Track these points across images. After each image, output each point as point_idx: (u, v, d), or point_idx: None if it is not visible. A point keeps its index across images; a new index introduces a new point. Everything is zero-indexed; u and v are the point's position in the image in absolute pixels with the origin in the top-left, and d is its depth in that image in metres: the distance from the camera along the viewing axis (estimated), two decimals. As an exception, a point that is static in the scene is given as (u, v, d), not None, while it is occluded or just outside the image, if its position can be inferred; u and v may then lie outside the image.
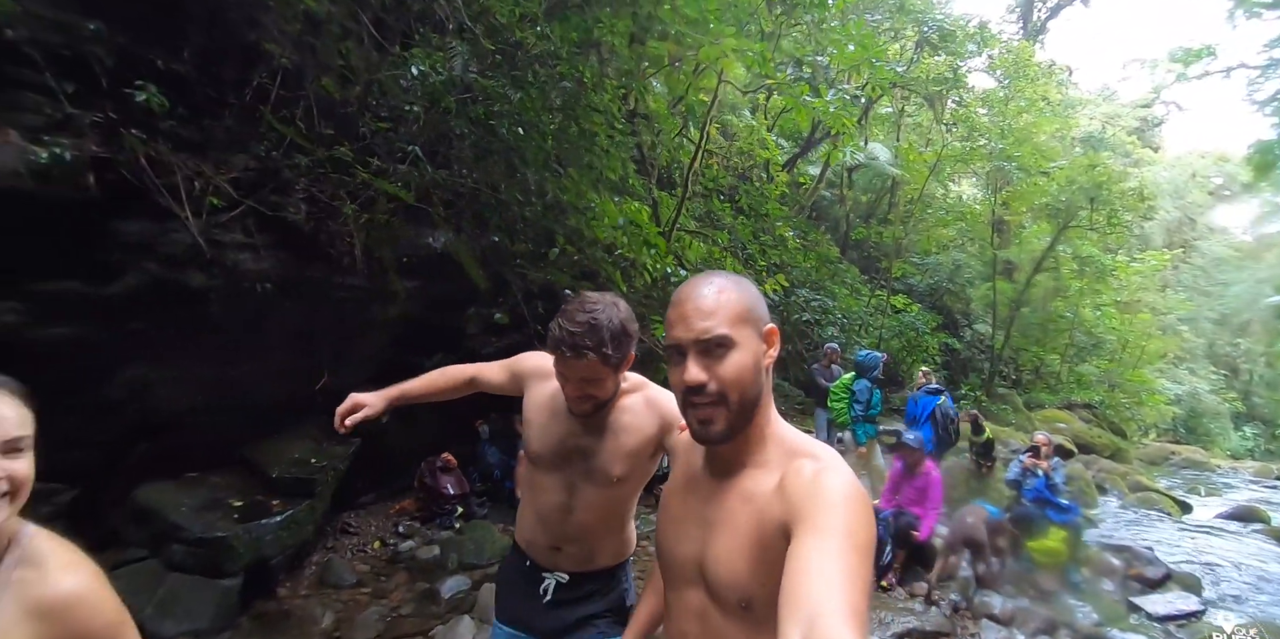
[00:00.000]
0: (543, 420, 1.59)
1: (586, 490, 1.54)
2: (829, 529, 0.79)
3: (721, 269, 5.41)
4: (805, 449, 0.96)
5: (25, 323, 3.09)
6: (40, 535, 1.01)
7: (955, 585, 4.63)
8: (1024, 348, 16.59)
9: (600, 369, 1.40)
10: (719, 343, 0.93)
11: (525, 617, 1.65)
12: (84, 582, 0.98)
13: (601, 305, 1.41)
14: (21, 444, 0.95)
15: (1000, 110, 13.63)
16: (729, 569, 0.94)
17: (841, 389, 6.15)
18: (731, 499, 0.98)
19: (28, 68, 3.15)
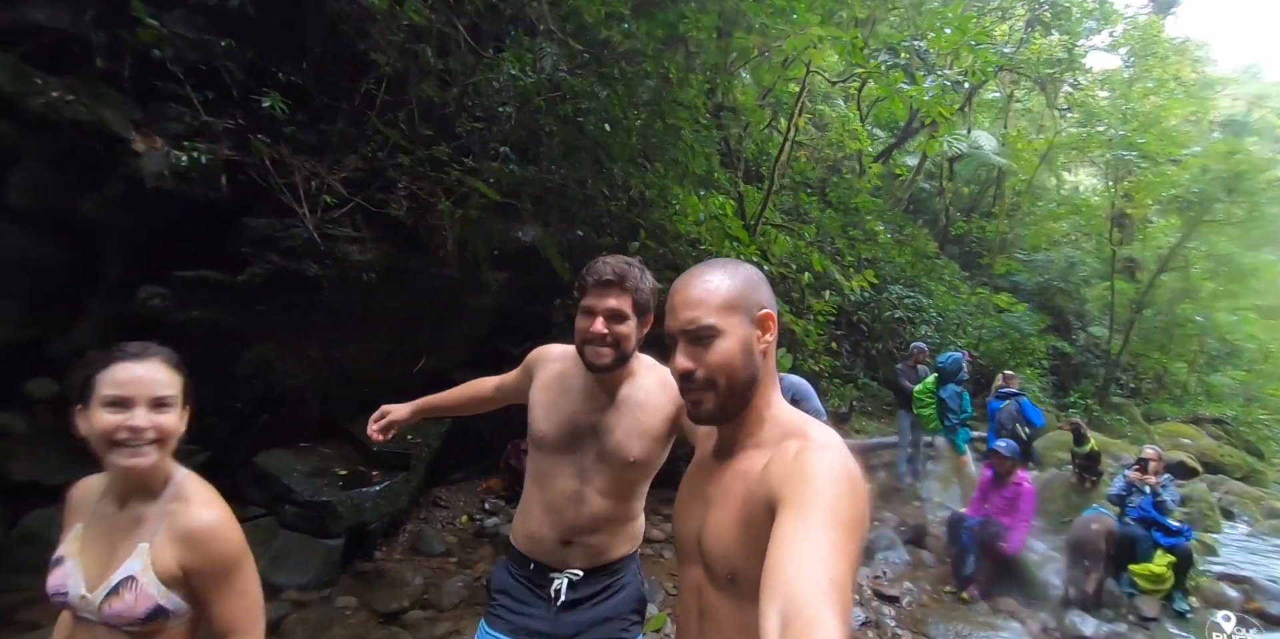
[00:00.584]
0: (550, 398, 1.54)
1: (600, 475, 1.49)
2: (810, 506, 0.79)
3: (809, 264, 5.32)
4: (798, 429, 0.98)
5: (170, 306, 3.55)
6: (190, 477, 1.25)
7: (1046, 604, 4.38)
8: (1145, 354, 15.14)
9: (629, 304, 1.41)
10: (704, 332, 0.97)
11: (535, 626, 1.52)
12: (218, 517, 1.20)
13: (636, 265, 1.46)
14: (169, 401, 1.15)
15: (1123, 93, 12.42)
16: (719, 544, 0.97)
17: (926, 394, 5.91)
18: (728, 478, 1.01)
19: (172, 82, 3.61)
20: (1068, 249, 16.02)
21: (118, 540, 1.17)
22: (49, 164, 3.27)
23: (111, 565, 1.14)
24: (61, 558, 1.18)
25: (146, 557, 1.14)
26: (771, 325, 1.02)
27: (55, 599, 1.17)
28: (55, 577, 1.16)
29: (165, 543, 1.15)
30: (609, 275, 1.41)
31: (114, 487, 1.21)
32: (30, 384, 3.47)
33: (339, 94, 4.21)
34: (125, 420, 1.10)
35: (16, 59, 3.19)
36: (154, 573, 1.13)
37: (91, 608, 1.12)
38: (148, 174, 3.32)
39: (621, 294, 1.41)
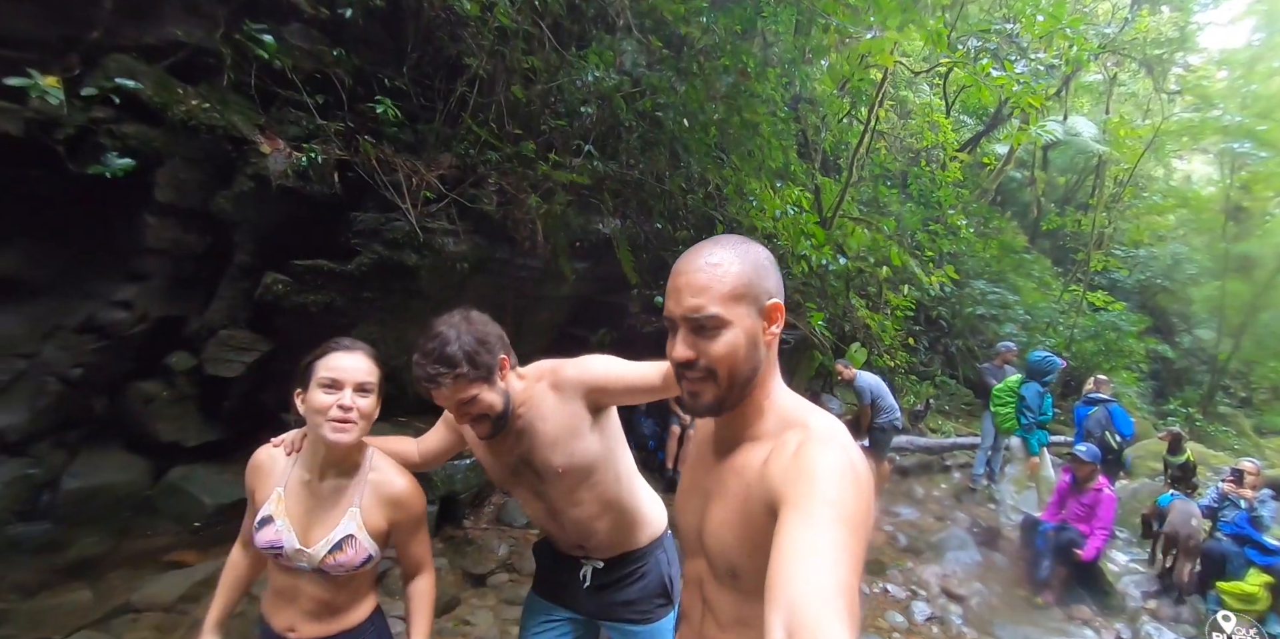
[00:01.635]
0: (481, 454, 1.64)
1: (549, 489, 1.56)
2: (812, 505, 0.76)
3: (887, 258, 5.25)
4: (798, 419, 0.93)
5: (290, 291, 3.95)
6: (377, 452, 1.50)
7: (1124, 615, 4.25)
8: (1259, 361, 13.93)
9: (465, 390, 1.38)
10: (709, 323, 0.90)
11: (566, 599, 1.70)
12: (411, 481, 1.48)
13: (446, 327, 1.42)
14: (368, 387, 1.38)
15: (1244, 74, 11.32)
16: (718, 540, 0.95)
17: (1006, 392, 5.74)
18: (726, 471, 0.98)
19: (290, 89, 3.99)
20: (1174, 245, 14.85)
21: (323, 505, 1.40)
22: (188, 164, 3.70)
23: (325, 525, 1.38)
24: (270, 517, 1.39)
25: (359, 518, 1.39)
26: (779, 316, 0.95)
27: (269, 552, 1.39)
28: (266, 533, 1.38)
29: (373, 506, 1.41)
30: (428, 384, 1.39)
31: (312, 458, 1.42)
32: (172, 357, 3.97)
33: (434, 96, 4.51)
34: (336, 400, 1.32)
35: (162, 71, 3.64)
36: (366, 531, 1.39)
37: (311, 559, 1.36)
38: (273, 173, 3.70)
39: (454, 388, 1.38)
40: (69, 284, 3.61)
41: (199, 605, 3.11)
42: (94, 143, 3.34)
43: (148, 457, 3.89)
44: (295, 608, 1.41)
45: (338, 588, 1.41)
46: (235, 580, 1.59)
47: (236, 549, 1.59)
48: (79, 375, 3.64)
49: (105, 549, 3.41)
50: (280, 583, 1.42)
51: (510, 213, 4.47)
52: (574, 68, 4.99)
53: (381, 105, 3.85)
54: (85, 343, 3.64)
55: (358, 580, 1.44)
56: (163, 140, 3.50)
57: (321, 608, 1.41)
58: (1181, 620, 4.14)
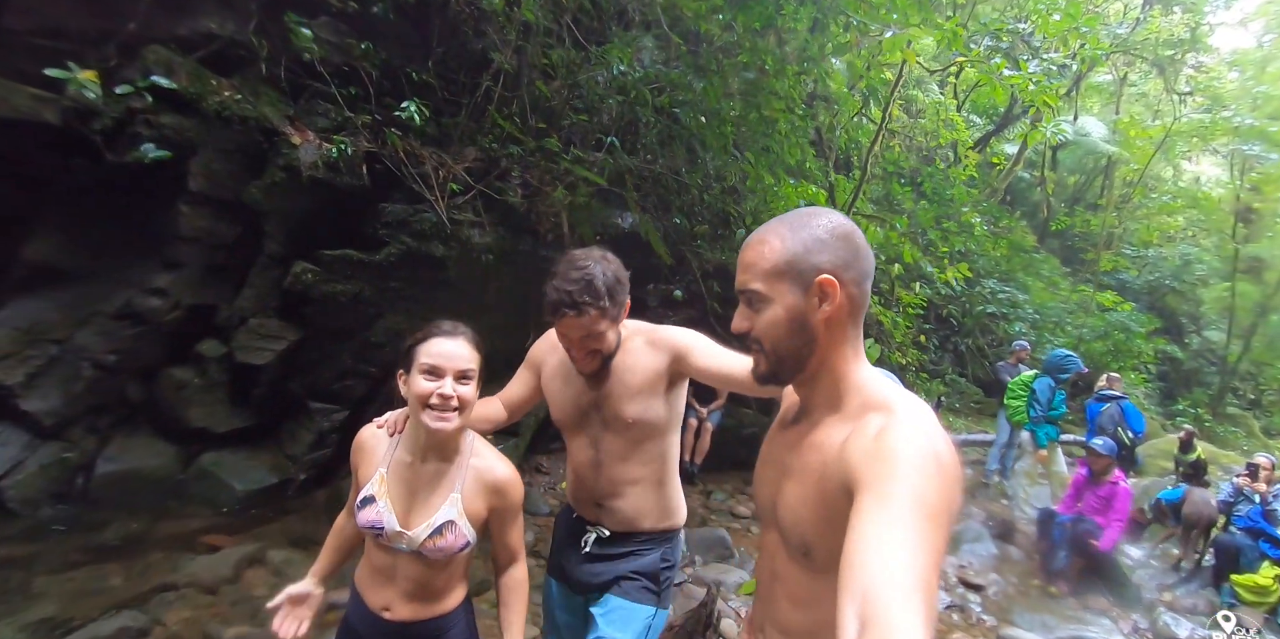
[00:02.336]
0: (557, 387, 1.67)
1: (608, 440, 1.59)
2: (892, 494, 0.73)
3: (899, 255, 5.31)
4: (881, 401, 0.90)
5: (319, 280, 4.02)
6: (479, 438, 1.49)
7: (1139, 606, 4.29)
8: (1269, 363, 13.94)
9: (600, 322, 1.42)
10: (753, 297, 0.95)
11: (564, 566, 1.70)
12: (512, 469, 1.47)
13: (591, 261, 1.46)
14: (469, 374, 1.35)
15: (1255, 74, 11.34)
16: (793, 516, 0.95)
17: (1020, 386, 5.79)
18: (805, 447, 0.97)
19: (319, 82, 4.06)
20: (1183, 246, 14.86)
21: (425, 488, 1.40)
22: (221, 155, 3.77)
23: (426, 510, 1.38)
24: (372, 497, 1.40)
25: (459, 504, 1.39)
26: (832, 292, 0.92)
27: (370, 532, 1.40)
28: (368, 513, 1.39)
29: (474, 492, 1.41)
30: (567, 310, 1.42)
31: (414, 441, 1.41)
32: (202, 344, 4.04)
33: (459, 90, 4.57)
34: (437, 388, 1.31)
35: (195, 63, 3.71)
36: (466, 517, 1.39)
37: (411, 542, 1.36)
38: (303, 164, 3.77)
39: (585, 320, 1.42)
40: (105, 271, 3.68)
41: (236, 586, 3.18)
42: (131, 133, 3.41)
43: (178, 442, 3.96)
44: (393, 588, 1.42)
45: (434, 571, 1.42)
46: (339, 545, 1.62)
47: (343, 516, 1.62)
48: (113, 361, 3.71)
49: (139, 532, 3.48)
50: (378, 561, 1.44)
51: (534, 205, 4.53)
52: (595, 63, 5.06)
53: (411, 106, 3.91)
54: (121, 329, 3.71)
55: (454, 565, 1.45)
56: (197, 131, 3.57)
57: (418, 589, 1.42)
58: (1198, 612, 4.18)
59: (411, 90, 4.17)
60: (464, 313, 4.79)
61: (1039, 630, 3.69)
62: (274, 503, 3.99)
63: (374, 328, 4.24)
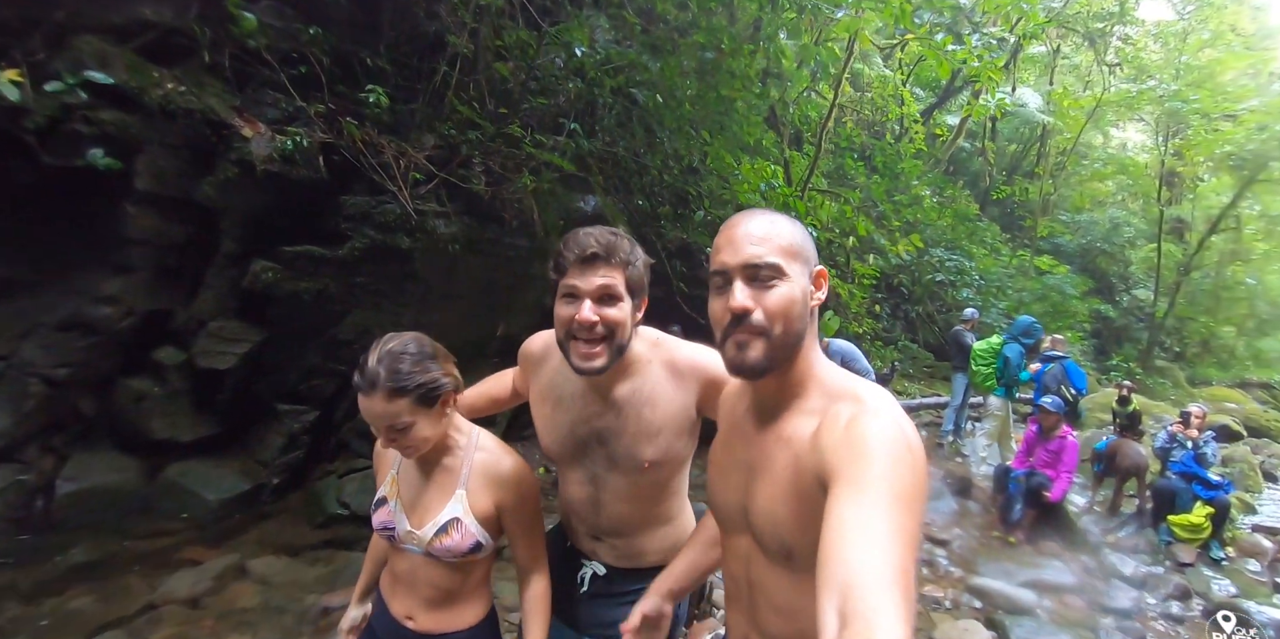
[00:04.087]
0: (547, 410, 1.38)
1: (615, 481, 1.33)
2: (866, 482, 0.73)
3: (854, 228, 5.49)
4: (848, 391, 0.89)
5: (280, 279, 3.89)
6: (484, 432, 1.40)
7: (1086, 548, 4.65)
8: (1191, 318, 14.95)
9: (622, 282, 1.17)
10: (769, 271, 0.89)
11: (559, 601, 1.43)
12: (519, 461, 1.38)
13: (622, 234, 1.24)
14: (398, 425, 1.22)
15: (1177, 46, 11.95)
16: (769, 517, 0.91)
17: (989, 354, 6.06)
18: (770, 443, 0.94)
19: (267, 69, 3.88)
20: (1113, 210, 15.70)
21: (432, 486, 1.35)
22: (167, 151, 3.58)
23: (432, 508, 1.33)
24: (384, 498, 1.38)
25: (465, 501, 1.32)
26: (824, 283, 0.95)
27: (383, 533, 1.37)
28: (381, 514, 1.37)
29: (480, 488, 1.33)
30: (594, 248, 1.15)
31: None
32: (159, 352, 3.88)
33: (414, 75, 4.44)
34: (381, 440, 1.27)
35: (133, 54, 3.49)
36: (473, 515, 1.32)
37: (420, 542, 1.32)
38: (257, 158, 3.62)
39: (611, 269, 1.16)
40: (49, 280, 3.48)
41: (220, 599, 3.12)
42: (68, 131, 3.21)
43: (141, 455, 3.81)
44: (414, 595, 1.39)
45: (452, 577, 1.37)
46: (375, 559, 1.58)
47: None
48: (64, 375, 3.54)
49: (110, 552, 3.35)
50: (398, 566, 1.41)
51: (499, 193, 4.47)
52: (551, 44, 4.96)
53: (374, 93, 3.78)
54: (70, 340, 3.54)
55: (472, 570, 1.39)
56: (140, 126, 3.38)
57: (440, 596, 1.37)
58: (1139, 550, 4.57)
59: (366, 76, 4.02)
60: (433, 305, 4.74)
61: (1002, 578, 3.98)
62: (249, 510, 3.91)
63: (341, 325, 4.15)
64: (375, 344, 1.24)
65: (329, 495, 4.07)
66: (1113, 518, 5.11)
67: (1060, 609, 3.76)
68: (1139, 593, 4.03)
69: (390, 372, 1.19)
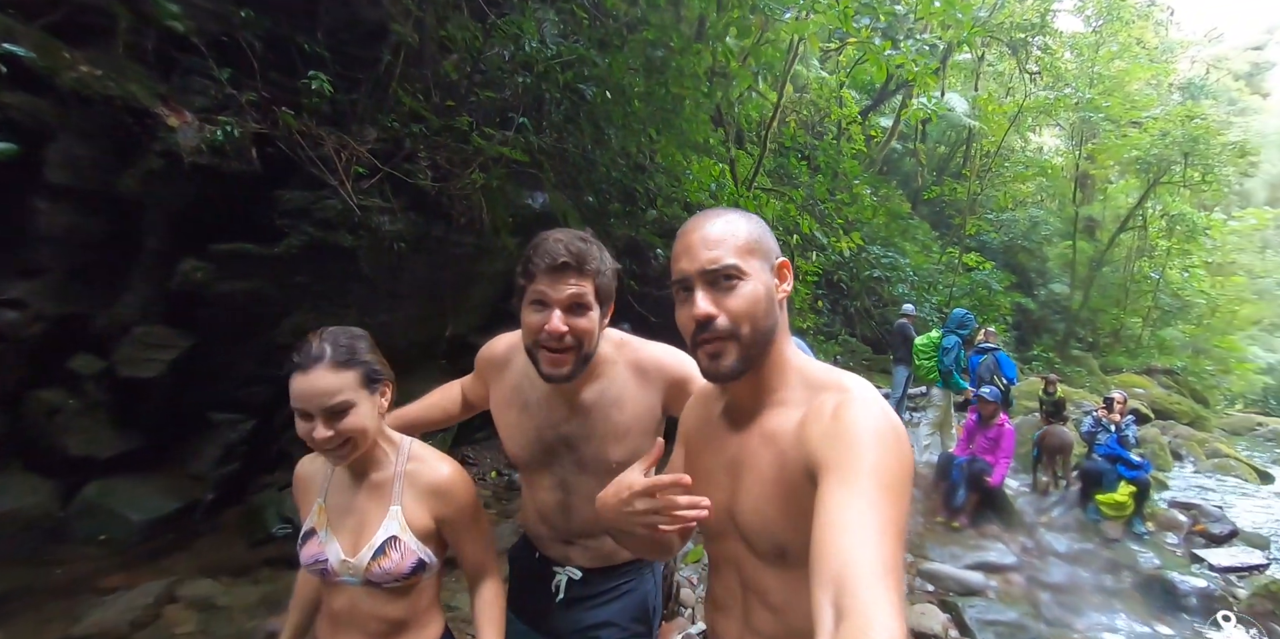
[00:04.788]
0: (512, 417, 1.36)
1: (585, 484, 1.30)
2: (854, 473, 0.72)
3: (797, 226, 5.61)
4: (829, 382, 0.89)
5: (211, 279, 3.65)
6: (415, 442, 1.32)
7: (1023, 529, 4.91)
8: (1103, 310, 16.02)
9: (591, 290, 1.17)
10: (727, 273, 0.87)
11: (535, 614, 1.43)
12: (455, 469, 1.29)
13: (591, 239, 1.23)
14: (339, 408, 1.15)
15: (1089, 56, 12.82)
16: (759, 517, 0.89)
17: (930, 347, 6.31)
18: (753, 441, 0.92)
19: (195, 55, 3.63)
20: (1032, 209, 16.66)
21: (364, 507, 1.25)
22: (83, 139, 3.29)
23: (366, 530, 1.23)
24: (312, 530, 1.26)
25: (400, 518, 1.23)
26: (788, 274, 0.95)
27: (313, 568, 1.25)
28: (310, 548, 1.25)
29: (414, 501, 1.24)
30: (565, 257, 1.14)
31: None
32: (75, 360, 3.57)
33: (353, 64, 4.24)
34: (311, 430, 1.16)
35: (43, 32, 3.19)
36: (411, 531, 1.23)
37: (356, 570, 1.21)
38: (185, 149, 3.38)
39: (582, 279, 1.16)
40: (-58, 281, 3.15)
41: (153, 629, 2.89)
42: (-36, 116, 2.90)
43: (56, 475, 3.50)
44: (360, 633, 1.27)
45: (398, 603, 1.26)
46: (305, 600, 1.43)
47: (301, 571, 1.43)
48: (-36, 387, 3.22)
49: (23, 582, 3.06)
50: (337, 605, 1.28)
51: (446, 188, 4.33)
52: (496, 36, 4.84)
53: (315, 80, 3.58)
54: (-31, 349, 3.21)
55: (416, 594, 1.29)
56: (52, 112, 3.09)
57: (388, 630, 1.27)
58: (1070, 529, 4.87)
59: (303, 63, 3.81)
60: (378, 306, 4.55)
61: (950, 561, 4.15)
62: (180, 530, 3.65)
63: (279, 328, 3.93)
64: (311, 334, 1.19)
65: (269, 510, 3.84)
66: (1045, 499, 5.40)
67: (1005, 588, 3.97)
68: (1073, 569, 4.30)
69: (336, 346, 1.15)
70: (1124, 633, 3.60)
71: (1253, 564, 4.54)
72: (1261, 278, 21.45)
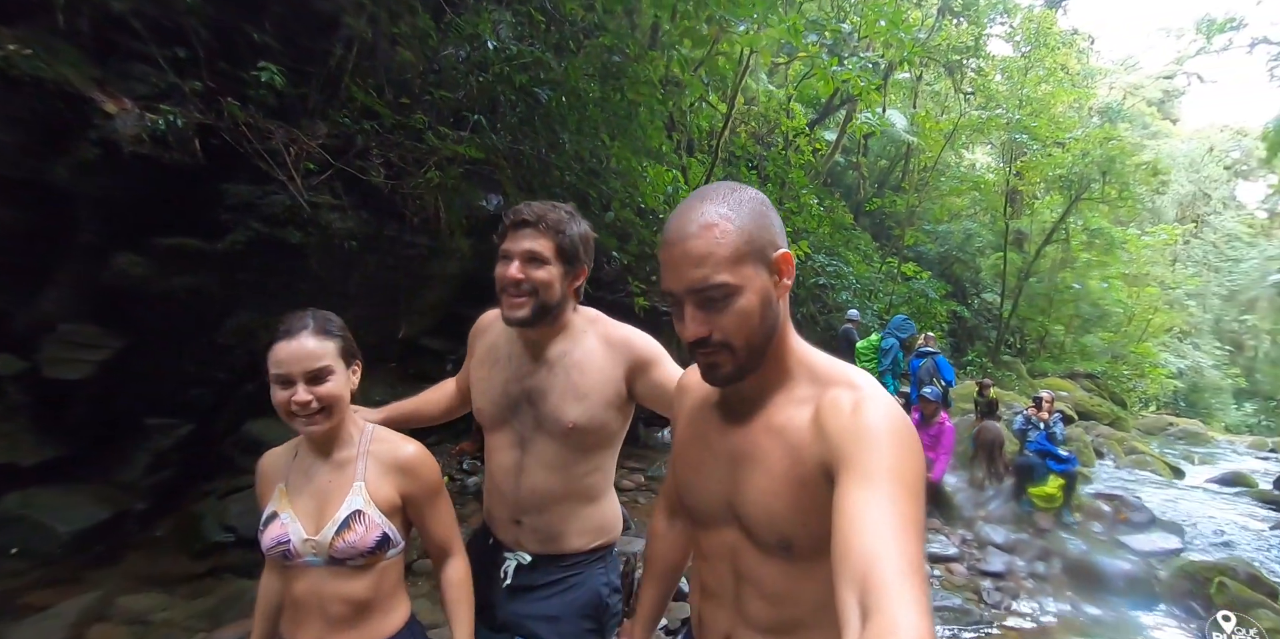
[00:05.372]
0: (484, 372, 1.46)
1: (539, 443, 1.37)
2: (876, 472, 0.73)
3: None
4: (839, 376, 0.88)
5: (150, 275, 3.48)
6: (379, 426, 1.36)
7: (962, 522, 5.13)
8: (1030, 318, 16.96)
9: (548, 246, 1.28)
10: (716, 293, 0.83)
11: (484, 606, 1.41)
12: (419, 447, 1.32)
13: (565, 208, 1.33)
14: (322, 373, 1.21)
15: (1019, 80, 13.66)
16: (765, 510, 0.88)
17: (871, 350, 6.56)
18: (759, 434, 0.91)
19: (134, 39, 3.47)
20: (966, 222, 17.54)
21: (328, 486, 1.26)
22: (9, 124, 3.09)
23: (330, 507, 1.23)
24: (274, 513, 1.26)
25: (364, 492, 1.24)
26: (788, 267, 0.87)
27: (274, 551, 1.23)
28: (272, 530, 1.24)
29: (379, 477, 1.27)
30: (526, 215, 1.29)
31: (309, 443, 1.30)
32: (-8, 359, 3.34)
33: (303, 57, 4.13)
34: (291, 396, 1.19)
35: (-41, 8, 3.00)
36: (375, 505, 1.24)
37: (320, 548, 1.21)
38: (124, 138, 3.22)
39: (538, 235, 1.28)
40: None
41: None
42: None
43: (-30, 484, 3.27)
44: (323, 617, 1.24)
45: (362, 582, 1.25)
46: (269, 606, 1.38)
47: (266, 573, 1.40)
48: None
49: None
50: (299, 589, 1.25)
51: (399, 187, 4.26)
52: (451, 35, 4.80)
53: (266, 71, 3.47)
54: None
55: (380, 574, 1.27)
56: (-28, 93, 2.90)
57: (352, 612, 1.24)
58: (1005, 521, 5.13)
59: (251, 54, 3.69)
60: (327, 306, 4.38)
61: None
62: (111, 541, 3.44)
63: (221, 328, 3.77)
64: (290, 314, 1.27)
65: (209, 519, 3.66)
66: (982, 494, 5.66)
67: (949, 577, 4.17)
68: (1010, 558, 4.54)
69: (318, 318, 1.25)
70: (1056, 614, 3.84)
71: (1170, 549, 4.90)
72: (1172, 289, 23.17)
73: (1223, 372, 26.18)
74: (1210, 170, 30.27)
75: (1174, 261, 25.28)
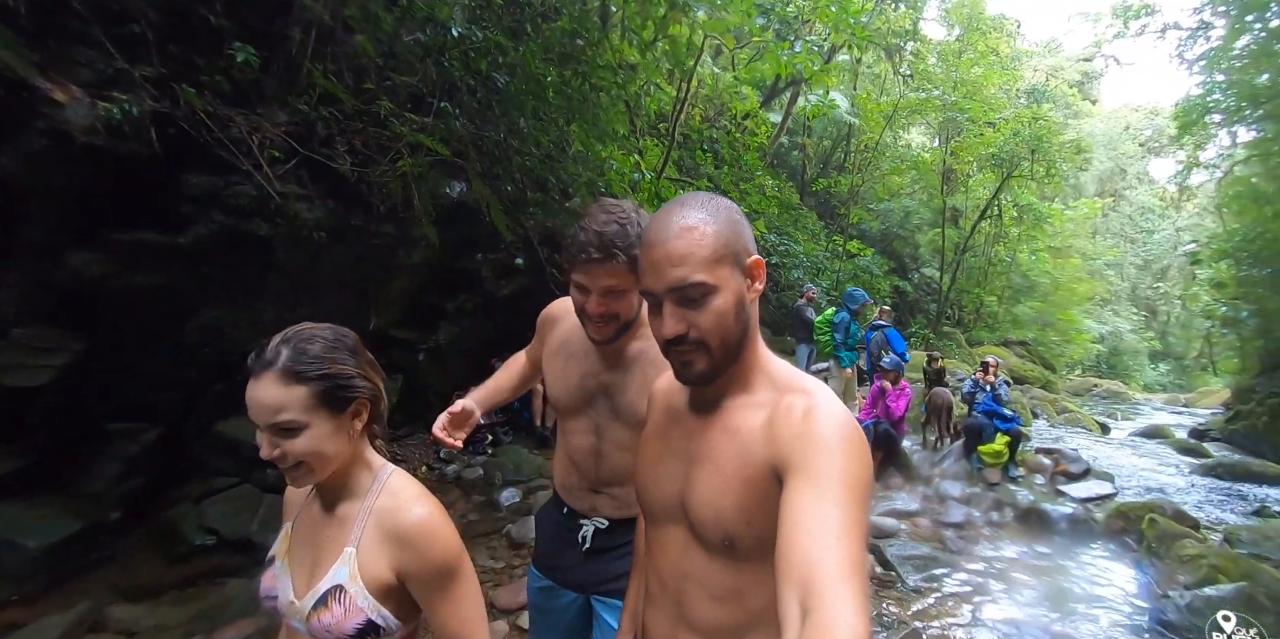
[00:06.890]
0: (559, 364, 1.49)
1: (614, 431, 1.42)
2: (823, 475, 0.75)
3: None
4: (796, 384, 0.91)
5: (109, 272, 3.35)
6: (397, 472, 1.11)
7: (921, 480, 5.50)
8: (967, 290, 17.80)
9: (626, 277, 1.26)
10: (695, 292, 0.86)
11: (561, 566, 1.51)
12: (430, 512, 1.05)
13: (626, 210, 1.28)
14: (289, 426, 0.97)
15: (953, 63, 14.19)
16: (712, 507, 0.90)
17: (825, 324, 6.83)
18: (715, 434, 0.93)
19: (78, 21, 3.29)
20: (906, 200, 18.20)
21: (324, 543, 1.06)
22: (-58, 114, 2.92)
23: (319, 572, 1.04)
24: (273, 558, 1.11)
25: (354, 563, 1.02)
26: (760, 273, 0.92)
27: (266, 602, 1.09)
28: (267, 577, 1.10)
29: (374, 546, 1.03)
30: (596, 253, 1.23)
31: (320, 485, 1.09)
32: (-61, 366, 3.16)
33: (260, 42, 3.99)
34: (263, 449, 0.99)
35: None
36: (362, 582, 1.01)
37: (300, 616, 1.03)
38: (76, 128, 3.07)
39: (615, 269, 1.25)
40: None
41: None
42: None
43: (-75, 499, 3.12)
44: None
45: None
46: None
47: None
48: None
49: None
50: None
51: (366, 175, 4.19)
52: (408, 20, 4.71)
53: (240, 53, 3.35)
54: None
55: None
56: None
57: None
58: (959, 477, 5.53)
59: (205, 37, 3.55)
60: (296, 299, 4.37)
61: (865, 513, 4.63)
62: (86, 553, 3.35)
63: (187, 326, 3.67)
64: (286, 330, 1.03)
65: (188, 523, 3.60)
66: (936, 454, 6.05)
67: (914, 530, 4.50)
68: (967, 509, 4.93)
69: (296, 353, 0.98)
70: (1013, 556, 4.24)
71: (1104, 494, 5.38)
72: (1093, 259, 24.77)
73: (1139, 335, 28.28)
74: (1126, 148, 32.28)
75: (1094, 234, 26.98)
